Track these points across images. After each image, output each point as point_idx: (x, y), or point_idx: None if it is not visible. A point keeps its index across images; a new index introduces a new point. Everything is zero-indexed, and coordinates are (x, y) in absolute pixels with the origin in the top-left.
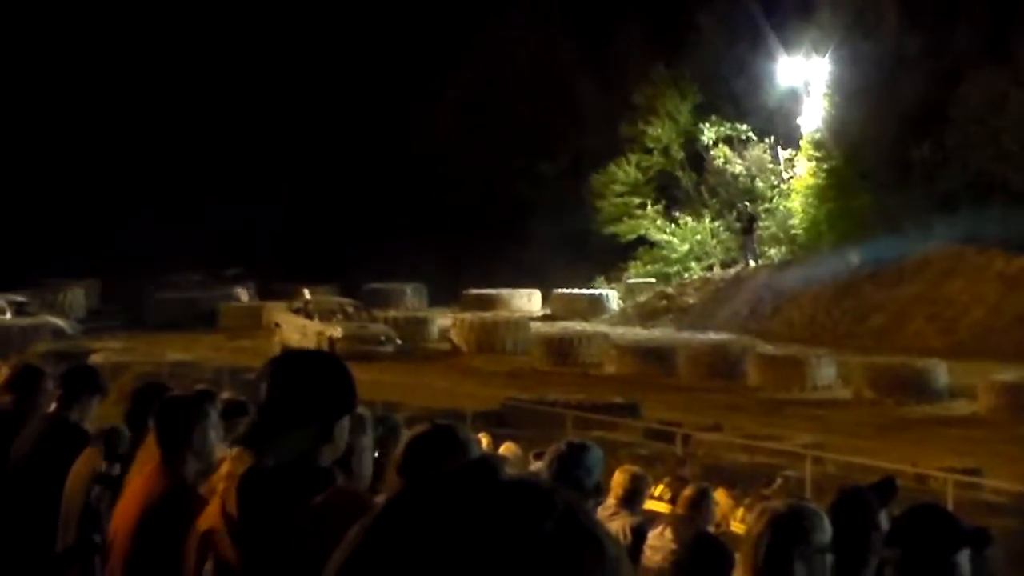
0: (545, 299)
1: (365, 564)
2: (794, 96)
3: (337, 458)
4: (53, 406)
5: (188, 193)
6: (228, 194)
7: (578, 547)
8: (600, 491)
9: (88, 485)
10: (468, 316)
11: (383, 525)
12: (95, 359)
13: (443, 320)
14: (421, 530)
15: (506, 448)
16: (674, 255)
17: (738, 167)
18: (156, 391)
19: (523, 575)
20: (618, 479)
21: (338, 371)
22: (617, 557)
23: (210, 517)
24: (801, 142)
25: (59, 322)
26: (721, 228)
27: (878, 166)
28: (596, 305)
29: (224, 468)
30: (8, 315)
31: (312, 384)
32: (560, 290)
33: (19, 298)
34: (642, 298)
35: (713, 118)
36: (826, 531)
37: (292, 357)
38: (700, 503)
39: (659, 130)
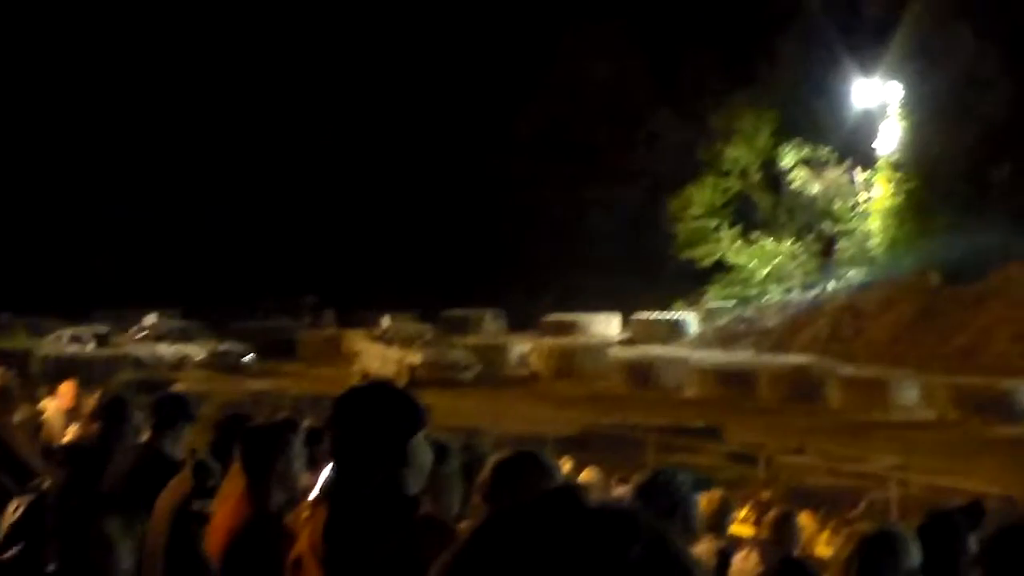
0: (624, 324)
1: None
2: (870, 118)
3: (423, 485)
4: (146, 436)
5: (267, 220)
6: (306, 222)
7: (664, 573)
8: (689, 520)
9: (173, 518)
10: (547, 342)
11: (469, 554)
12: (177, 388)
13: (522, 346)
14: (506, 559)
15: (588, 473)
16: (753, 278)
17: (816, 189)
18: (239, 421)
19: None
20: (702, 503)
21: (394, 396)
22: None
23: (299, 546)
24: (878, 163)
25: (141, 353)
26: (800, 250)
27: (956, 186)
28: (675, 329)
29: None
30: (91, 347)
31: (370, 414)
32: (639, 315)
33: (100, 329)
34: (721, 322)
35: (795, 140)
36: (914, 555)
37: (347, 398)
38: (784, 526)
39: (737, 152)
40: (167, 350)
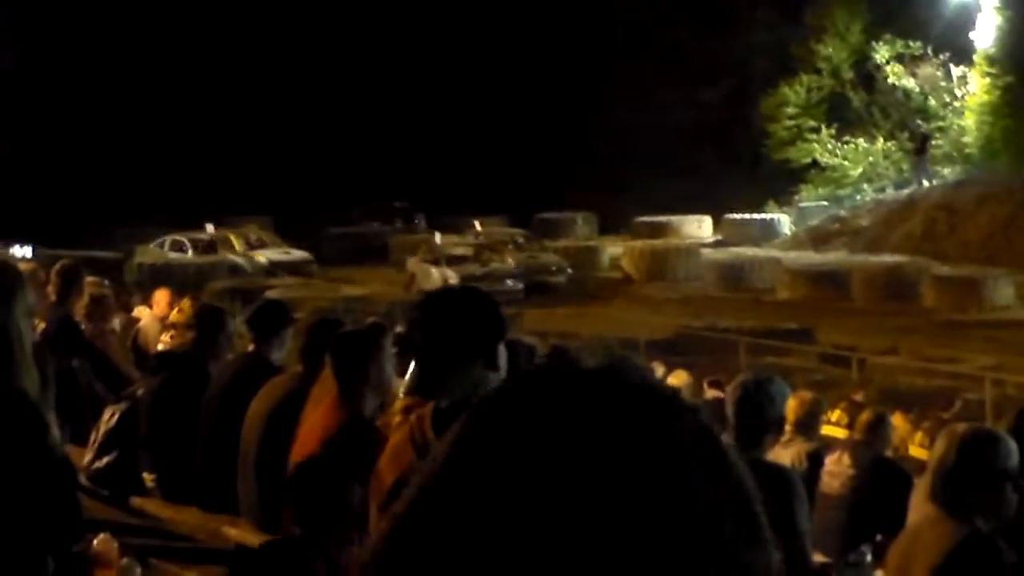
0: (716, 225)
1: (454, 470)
2: (966, 11)
3: None
4: (251, 345)
5: (357, 126)
6: (397, 126)
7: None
8: (782, 424)
9: (267, 421)
10: (639, 244)
11: (477, 422)
12: (271, 295)
13: (614, 248)
14: (523, 430)
15: (677, 376)
16: (846, 177)
17: (910, 85)
18: (330, 326)
19: (636, 479)
20: (793, 405)
21: (483, 301)
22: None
23: (396, 464)
24: (974, 58)
25: (237, 259)
26: (893, 148)
27: None
28: (767, 230)
29: (398, 405)
30: (190, 253)
31: (465, 319)
32: (731, 215)
33: (203, 235)
34: (814, 222)
35: (887, 36)
36: (1012, 454)
37: (435, 300)
38: (877, 428)
39: (830, 49)
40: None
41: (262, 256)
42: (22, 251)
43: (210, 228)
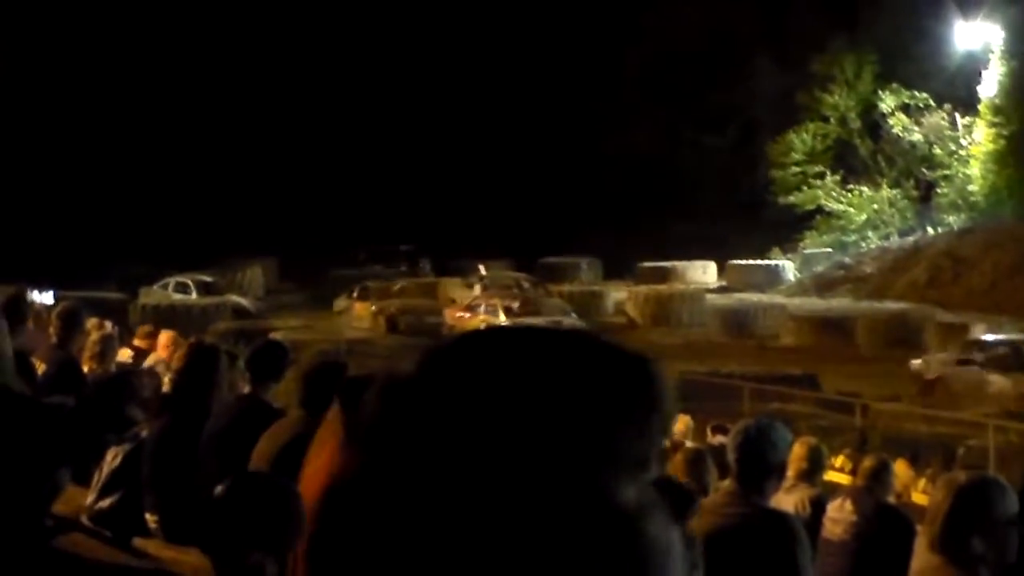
0: (720, 271)
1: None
2: (972, 61)
3: None
4: (247, 387)
5: (363, 170)
6: (404, 170)
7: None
8: (784, 469)
9: (271, 465)
10: (643, 289)
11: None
12: (273, 336)
13: (618, 293)
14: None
15: (681, 421)
16: (851, 224)
17: (916, 135)
18: (333, 369)
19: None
20: (796, 452)
21: None
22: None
23: None
24: (979, 107)
25: (241, 300)
26: (898, 196)
27: None
28: (772, 276)
29: None
30: (193, 294)
31: None
32: (735, 261)
33: (206, 277)
34: (819, 268)
35: (893, 86)
36: (1013, 503)
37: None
38: (880, 474)
39: (837, 97)
40: None
41: None
42: (42, 296)
43: (482, 268)
